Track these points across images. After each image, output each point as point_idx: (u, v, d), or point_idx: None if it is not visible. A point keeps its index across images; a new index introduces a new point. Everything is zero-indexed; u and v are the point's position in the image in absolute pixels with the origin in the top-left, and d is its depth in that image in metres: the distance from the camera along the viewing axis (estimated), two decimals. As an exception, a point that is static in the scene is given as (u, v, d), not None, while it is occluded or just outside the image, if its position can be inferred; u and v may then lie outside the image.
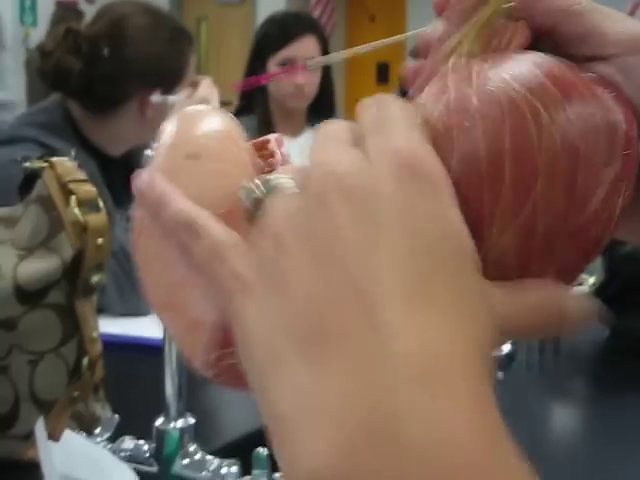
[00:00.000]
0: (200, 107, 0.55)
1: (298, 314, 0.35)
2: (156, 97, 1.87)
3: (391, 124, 0.40)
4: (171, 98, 1.88)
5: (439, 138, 0.41)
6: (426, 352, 0.33)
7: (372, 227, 0.36)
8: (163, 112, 1.87)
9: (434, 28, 0.50)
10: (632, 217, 0.45)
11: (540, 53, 0.45)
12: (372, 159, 0.38)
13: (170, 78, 1.89)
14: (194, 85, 1.94)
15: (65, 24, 1.86)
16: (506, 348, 1.26)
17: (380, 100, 0.42)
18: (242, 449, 0.92)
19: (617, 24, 0.45)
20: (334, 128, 0.41)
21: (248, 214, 0.42)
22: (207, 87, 2.00)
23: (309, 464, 0.32)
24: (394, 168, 0.37)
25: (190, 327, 0.48)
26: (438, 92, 0.44)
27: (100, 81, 1.82)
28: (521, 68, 0.43)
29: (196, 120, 0.53)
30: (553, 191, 0.41)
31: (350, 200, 0.37)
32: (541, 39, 0.47)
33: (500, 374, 1.28)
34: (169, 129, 0.52)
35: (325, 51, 2.75)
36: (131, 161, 1.99)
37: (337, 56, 0.56)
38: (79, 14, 6.64)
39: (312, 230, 0.37)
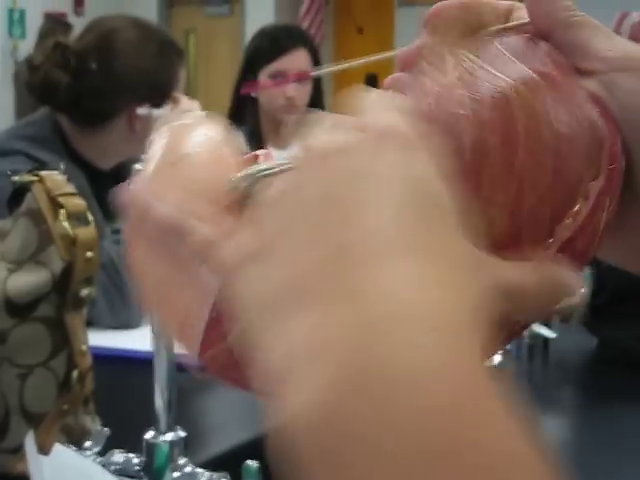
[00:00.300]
0: (190, 117, 0.56)
1: (288, 271, 0.37)
2: (142, 110, 1.87)
3: (370, 108, 0.42)
4: (156, 111, 1.88)
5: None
6: (414, 302, 0.34)
7: (357, 186, 0.37)
8: (152, 125, 1.87)
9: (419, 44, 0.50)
10: (615, 234, 0.46)
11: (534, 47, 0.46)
12: (353, 134, 0.40)
13: (159, 92, 1.89)
14: (175, 101, 1.93)
15: (53, 37, 1.85)
16: (495, 359, 1.26)
17: (361, 92, 0.43)
18: (232, 462, 0.92)
19: (605, 41, 0.46)
20: (317, 118, 0.43)
21: (240, 201, 0.43)
22: (188, 102, 2.01)
23: (300, 405, 0.33)
24: (374, 138, 0.39)
25: (183, 324, 0.49)
26: (421, 85, 0.45)
27: (88, 95, 1.82)
28: (510, 64, 0.45)
29: (186, 129, 0.54)
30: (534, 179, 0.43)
31: (333, 165, 0.38)
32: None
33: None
34: (159, 141, 0.53)
35: (316, 63, 2.76)
36: (121, 174, 1.99)
37: (327, 69, 0.57)
38: (67, 26, 6.63)
39: (300, 194, 0.39)
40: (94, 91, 1.82)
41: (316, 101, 2.80)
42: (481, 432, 0.32)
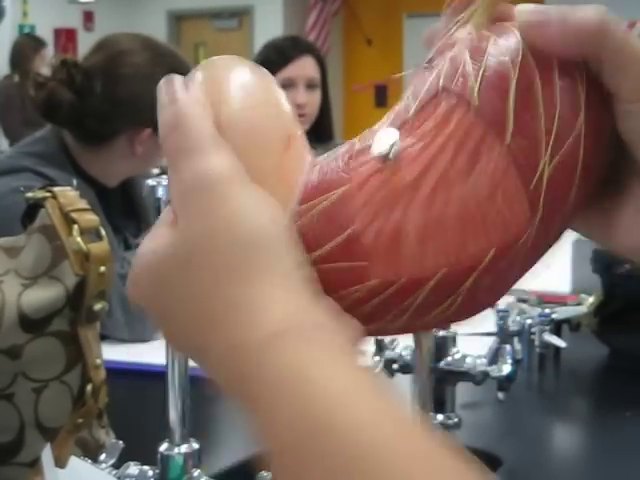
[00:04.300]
0: (225, 56, 0.57)
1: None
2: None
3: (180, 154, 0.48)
4: None
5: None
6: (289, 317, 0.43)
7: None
8: (155, 147, 1.87)
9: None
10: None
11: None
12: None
13: None
14: None
15: (26, 52, 1.86)
16: (506, 369, 1.27)
17: (179, 124, 0.49)
18: (246, 473, 0.93)
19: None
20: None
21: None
22: None
23: None
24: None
25: None
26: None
27: (90, 116, 1.82)
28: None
29: (230, 62, 0.56)
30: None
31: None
32: None
33: (501, 395, 1.29)
34: (201, 71, 0.54)
35: (323, 71, 2.78)
36: (128, 188, 2.00)
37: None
38: (41, 43, 6.62)
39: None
40: (96, 113, 1.82)
41: (324, 112, 2.81)
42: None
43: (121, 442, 0.95)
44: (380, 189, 0.47)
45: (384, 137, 0.48)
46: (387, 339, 1.23)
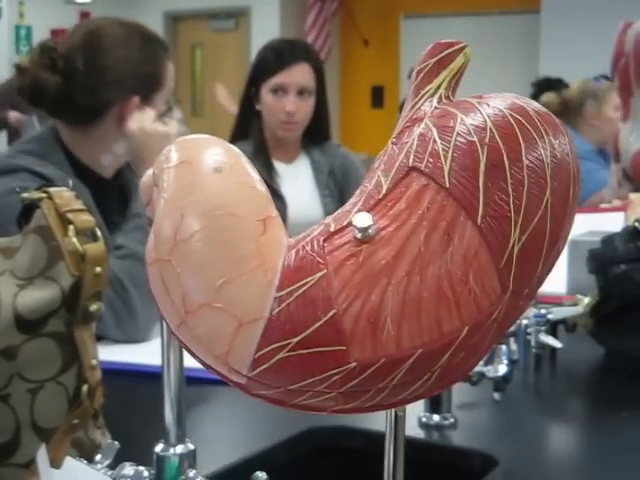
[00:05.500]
0: (200, 135, 0.57)
1: None
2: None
3: None
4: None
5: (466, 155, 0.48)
6: None
7: None
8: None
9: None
10: None
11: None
12: None
13: (147, 83, 1.91)
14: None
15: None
16: (502, 369, 1.27)
17: None
18: (241, 473, 0.93)
19: None
20: None
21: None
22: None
23: None
24: None
25: (237, 325, 0.49)
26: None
27: (78, 93, 1.84)
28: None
29: (204, 143, 0.55)
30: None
31: None
32: None
33: (497, 395, 1.29)
34: (175, 152, 0.54)
35: (320, 78, 2.77)
36: (124, 186, 2.00)
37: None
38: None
39: None
40: (84, 89, 1.85)
41: (320, 115, 2.81)
42: None
43: (117, 443, 0.95)
44: (356, 273, 0.48)
45: (359, 221, 0.49)
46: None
